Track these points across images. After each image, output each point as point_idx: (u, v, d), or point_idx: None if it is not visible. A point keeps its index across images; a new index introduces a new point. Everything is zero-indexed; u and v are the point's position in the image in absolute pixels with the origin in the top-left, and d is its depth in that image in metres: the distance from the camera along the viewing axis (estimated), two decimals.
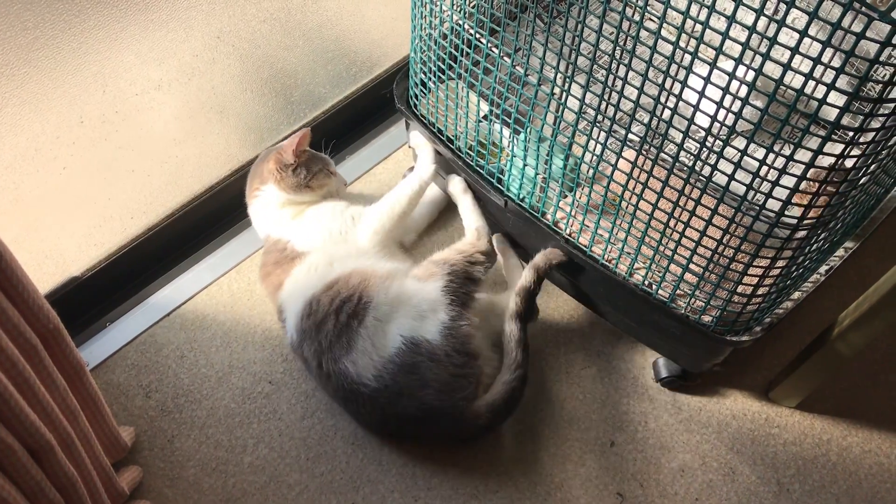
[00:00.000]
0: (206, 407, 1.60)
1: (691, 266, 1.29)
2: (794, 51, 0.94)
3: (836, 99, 0.96)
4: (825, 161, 1.04)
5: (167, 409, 1.59)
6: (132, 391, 1.62)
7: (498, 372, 1.50)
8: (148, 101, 1.59)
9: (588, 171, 1.36)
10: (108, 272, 1.74)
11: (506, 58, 1.33)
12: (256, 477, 1.51)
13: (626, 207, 1.33)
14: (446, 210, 1.85)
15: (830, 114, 0.99)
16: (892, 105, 0.98)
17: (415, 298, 1.47)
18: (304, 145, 1.68)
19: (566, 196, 1.49)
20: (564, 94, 1.27)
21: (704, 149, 1.14)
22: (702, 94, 1.08)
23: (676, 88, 1.12)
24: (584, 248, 1.45)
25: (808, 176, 1.06)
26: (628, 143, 1.24)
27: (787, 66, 0.97)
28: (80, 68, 1.43)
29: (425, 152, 1.67)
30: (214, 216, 1.89)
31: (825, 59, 0.93)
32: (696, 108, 1.10)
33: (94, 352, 1.68)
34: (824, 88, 0.96)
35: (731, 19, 0.97)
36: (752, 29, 0.96)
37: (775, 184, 1.09)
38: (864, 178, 1.13)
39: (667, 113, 1.14)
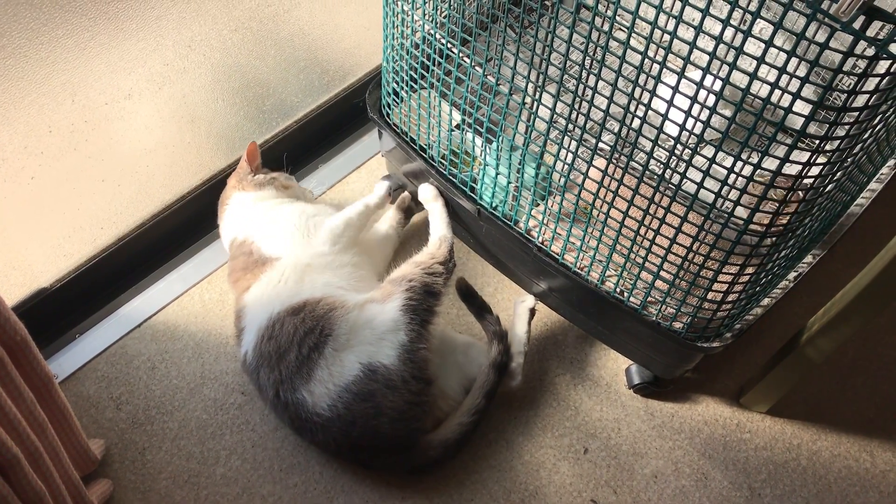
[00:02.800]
0: (177, 418, 1.58)
1: (662, 273, 1.30)
2: (761, 60, 0.96)
3: (802, 108, 0.98)
4: (792, 169, 1.06)
5: (138, 421, 1.58)
6: (102, 403, 1.60)
7: (452, 407, 1.50)
8: (118, 111, 1.57)
9: (559, 180, 1.37)
10: (77, 283, 1.72)
11: (477, 67, 1.34)
12: (229, 489, 1.50)
13: (597, 215, 1.34)
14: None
15: (797, 122, 1.00)
16: (855, 114, 1.00)
17: (373, 322, 1.44)
18: (256, 156, 1.76)
19: (538, 204, 1.49)
20: (535, 103, 1.28)
21: (673, 157, 1.15)
22: (670, 103, 1.09)
23: (645, 98, 1.13)
24: (557, 256, 1.46)
25: (775, 184, 1.08)
26: (598, 151, 1.25)
27: (753, 76, 0.98)
28: (48, 77, 1.42)
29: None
30: (186, 226, 1.87)
31: (790, 68, 0.95)
32: (665, 117, 1.11)
33: (63, 364, 1.66)
34: (790, 97, 0.97)
35: (699, 29, 0.98)
36: (718, 39, 0.97)
37: (743, 191, 1.10)
38: (830, 186, 1.15)
39: (636, 122, 1.15)
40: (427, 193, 1.66)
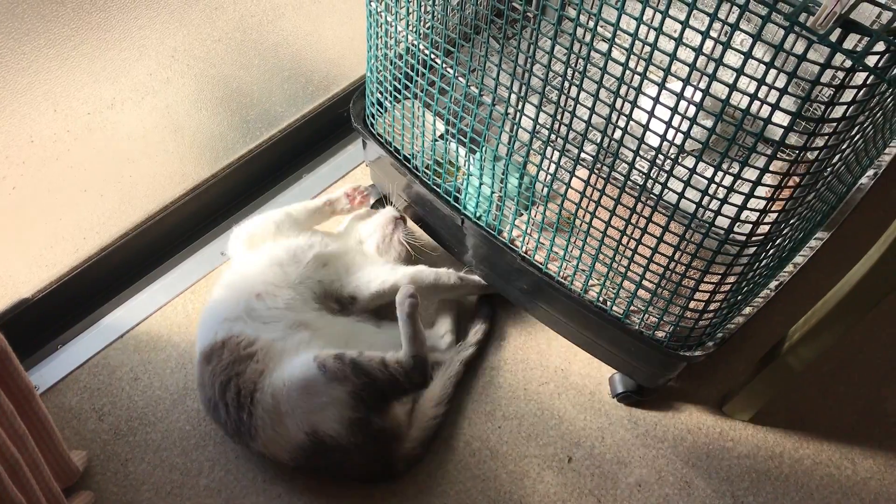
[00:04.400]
0: (160, 430, 1.57)
1: (644, 282, 1.31)
2: (740, 72, 0.97)
3: (782, 119, 0.99)
4: (772, 179, 1.07)
5: (121, 433, 1.57)
6: (85, 414, 1.59)
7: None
8: (101, 121, 1.57)
9: (543, 190, 1.38)
10: (59, 294, 1.71)
11: (461, 78, 1.34)
12: (212, 500, 1.49)
13: (581, 225, 1.34)
14: None
15: (777, 133, 1.01)
16: (833, 124, 1.01)
17: (311, 390, 1.36)
18: None
19: (522, 214, 1.50)
20: (518, 113, 1.28)
21: (655, 167, 1.16)
22: (651, 114, 1.10)
23: (627, 109, 1.13)
24: (540, 266, 1.46)
25: (755, 193, 1.09)
26: (581, 161, 1.26)
27: (732, 87, 0.99)
28: (30, 87, 1.41)
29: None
30: (169, 236, 1.87)
31: (769, 79, 0.96)
32: (647, 127, 1.12)
33: (45, 375, 1.64)
34: (770, 108, 0.98)
35: (679, 41, 0.99)
36: (698, 50, 0.98)
37: (724, 201, 1.11)
38: (809, 195, 1.16)
39: (618, 132, 1.16)
40: (403, 308, 1.45)
